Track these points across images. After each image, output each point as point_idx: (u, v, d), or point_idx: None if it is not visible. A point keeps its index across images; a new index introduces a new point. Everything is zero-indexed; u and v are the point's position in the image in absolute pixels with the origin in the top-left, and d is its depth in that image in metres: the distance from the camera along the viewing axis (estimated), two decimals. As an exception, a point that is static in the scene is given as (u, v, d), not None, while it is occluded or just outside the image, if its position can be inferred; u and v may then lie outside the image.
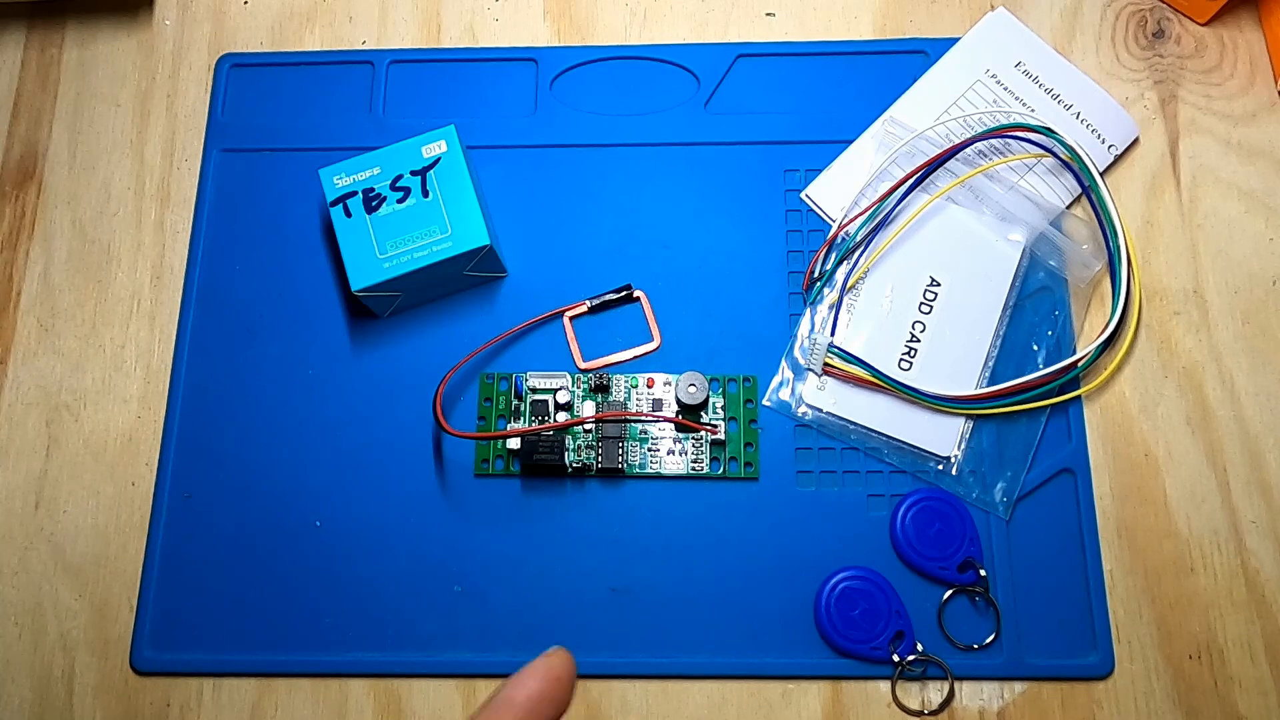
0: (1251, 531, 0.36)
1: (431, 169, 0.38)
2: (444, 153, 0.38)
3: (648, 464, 0.37)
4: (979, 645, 0.35)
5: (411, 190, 0.38)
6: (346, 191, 0.38)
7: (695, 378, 0.37)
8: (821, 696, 0.35)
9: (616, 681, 0.36)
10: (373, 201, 0.38)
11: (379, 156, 0.38)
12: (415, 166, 0.38)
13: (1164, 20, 0.43)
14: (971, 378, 0.38)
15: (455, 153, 0.38)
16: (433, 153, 0.38)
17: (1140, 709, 0.35)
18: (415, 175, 0.38)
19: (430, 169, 0.38)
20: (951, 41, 0.42)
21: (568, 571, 0.36)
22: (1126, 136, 0.41)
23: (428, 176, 0.38)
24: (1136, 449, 0.37)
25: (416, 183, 0.38)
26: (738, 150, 0.41)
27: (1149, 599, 0.36)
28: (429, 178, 0.38)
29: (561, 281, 0.40)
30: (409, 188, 0.38)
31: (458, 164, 0.38)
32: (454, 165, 0.38)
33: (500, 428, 0.38)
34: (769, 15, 0.43)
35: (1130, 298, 0.38)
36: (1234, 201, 0.40)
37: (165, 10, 0.45)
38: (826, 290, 0.39)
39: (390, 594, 0.36)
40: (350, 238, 0.37)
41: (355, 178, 0.38)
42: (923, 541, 0.36)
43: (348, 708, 0.36)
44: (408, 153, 0.38)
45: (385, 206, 0.38)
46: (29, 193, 0.42)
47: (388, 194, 0.38)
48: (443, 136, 0.39)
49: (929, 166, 0.39)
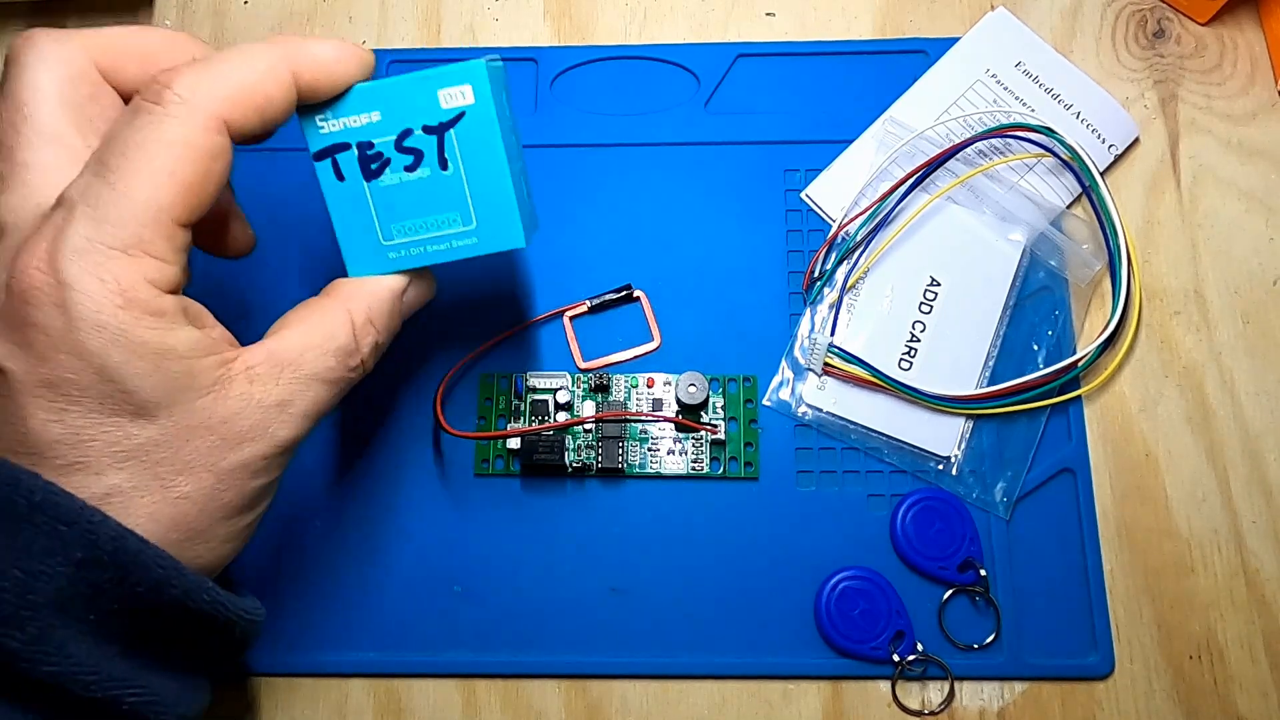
0: (1252, 531, 0.36)
1: (451, 128, 0.28)
2: (469, 106, 0.27)
3: (648, 464, 0.37)
4: (979, 645, 0.35)
5: (424, 155, 0.28)
6: (334, 142, 0.28)
7: (695, 378, 0.37)
8: (821, 696, 0.35)
9: (616, 681, 0.36)
10: (372, 164, 0.28)
11: (380, 94, 0.27)
12: (429, 120, 0.27)
13: (1164, 20, 0.43)
14: (971, 378, 0.38)
15: (485, 105, 0.27)
16: (453, 102, 0.27)
17: (1140, 709, 0.35)
18: (429, 134, 0.28)
19: (449, 127, 0.27)
20: (951, 41, 0.42)
21: (568, 571, 0.36)
22: (1126, 136, 0.41)
23: (446, 138, 0.28)
24: (1136, 449, 0.37)
25: (431, 145, 0.28)
26: (738, 150, 0.41)
27: (1149, 599, 0.36)
28: (448, 140, 0.28)
29: (561, 281, 0.40)
30: (420, 151, 0.28)
31: (488, 122, 0.27)
32: (483, 125, 0.27)
33: (500, 428, 0.38)
34: (769, 15, 0.43)
35: (1130, 297, 0.38)
36: (1234, 201, 0.40)
37: (165, 10, 0.45)
38: (826, 290, 0.39)
39: (390, 594, 0.36)
40: (344, 211, 0.28)
41: (347, 122, 0.28)
42: (923, 541, 0.36)
43: (347, 708, 0.36)
44: (419, 96, 0.27)
45: (389, 174, 0.28)
46: (29, 193, 0.42)
47: (393, 156, 0.28)
48: (468, 79, 0.27)
49: (929, 166, 0.39)
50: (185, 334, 0.24)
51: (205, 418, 0.24)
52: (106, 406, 0.23)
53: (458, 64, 0.27)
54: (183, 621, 0.25)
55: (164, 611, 0.24)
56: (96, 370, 0.23)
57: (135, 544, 0.23)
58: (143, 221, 0.23)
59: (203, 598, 0.24)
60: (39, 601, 0.22)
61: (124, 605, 0.23)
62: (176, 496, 0.24)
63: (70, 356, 0.22)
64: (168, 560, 0.23)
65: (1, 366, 0.23)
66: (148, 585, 0.23)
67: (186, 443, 0.24)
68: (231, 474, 0.25)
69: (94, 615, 0.23)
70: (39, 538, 0.22)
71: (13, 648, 0.21)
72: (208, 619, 0.25)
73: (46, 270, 0.22)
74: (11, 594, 0.21)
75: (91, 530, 0.22)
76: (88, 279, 0.22)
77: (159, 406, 0.24)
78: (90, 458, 0.23)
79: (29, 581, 0.22)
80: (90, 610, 0.23)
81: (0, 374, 0.23)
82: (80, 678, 0.22)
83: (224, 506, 0.25)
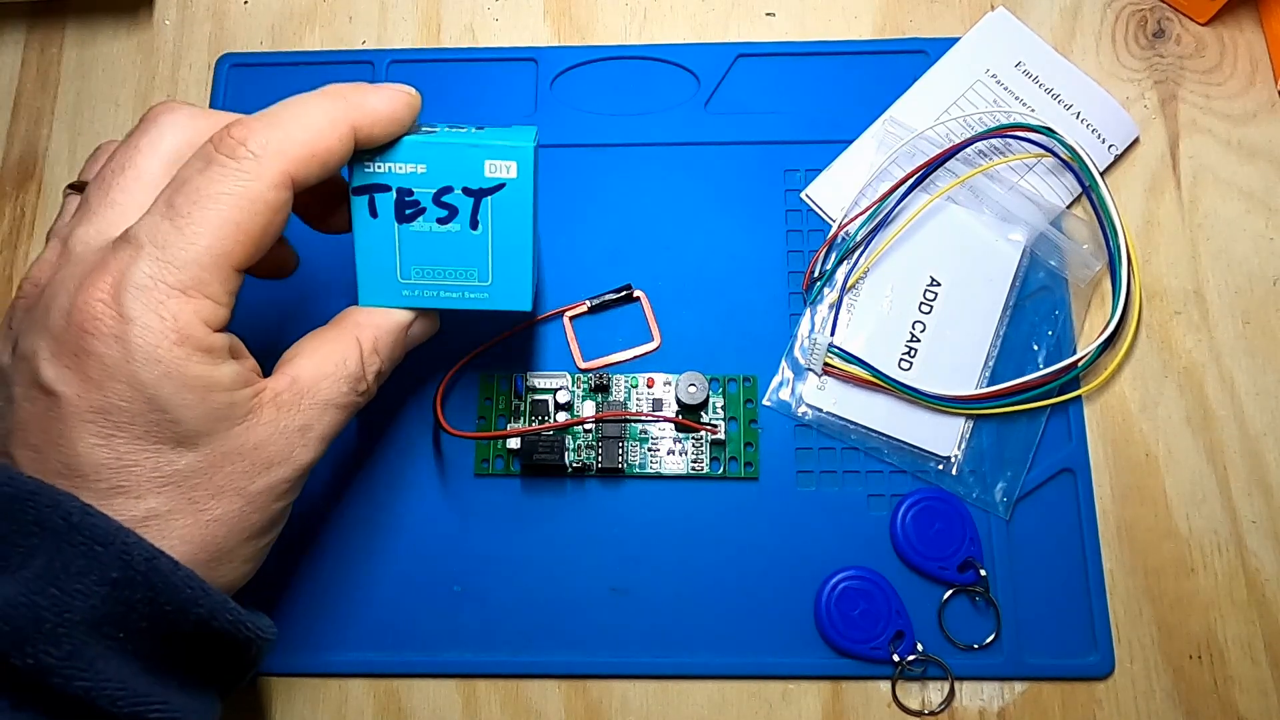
0: (1252, 531, 0.36)
1: (489, 195, 0.30)
2: (511, 180, 0.30)
3: (648, 464, 0.37)
4: (979, 645, 0.35)
5: (459, 213, 0.30)
6: (377, 182, 0.29)
7: (695, 378, 0.37)
8: (821, 696, 0.35)
9: (616, 681, 0.36)
10: (407, 209, 0.30)
11: (430, 151, 0.29)
12: (471, 184, 0.30)
13: (1164, 20, 0.43)
14: (971, 378, 0.38)
15: (525, 184, 0.30)
16: (497, 173, 0.29)
17: (1140, 709, 0.35)
18: (468, 196, 0.30)
19: (488, 194, 0.30)
20: (951, 41, 0.42)
21: (568, 571, 0.36)
22: (1126, 136, 0.41)
23: (483, 204, 0.30)
24: (1136, 449, 0.37)
25: (467, 206, 0.30)
26: (738, 150, 0.41)
27: (1149, 599, 0.36)
28: (484, 206, 0.30)
29: (561, 281, 0.40)
30: (455, 208, 0.30)
31: (523, 200, 0.30)
32: (518, 200, 0.30)
33: (500, 428, 0.38)
34: (769, 15, 0.43)
35: (1130, 298, 0.38)
36: (1234, 201, 0.40)
37: (165, 10, 0.45)
38: (826, 290, 0.39)
39: (390, 594, 0.36)
40: (370, 243, 0.30)
41: (393, 168, 0.29)
42: (923, 541, 0.36)
43: (347, 708, 0.36)
44: (467, 161, 0.29)
45: (421, 221, 0.30)
46: (29, 193, 0.42)
47: (429, 206, 0.30)
48: (516, 157, 0.29)
49: (929, 166, 0.39)
50: (229, 368, 0.26)
51: (239, 445, 0.26)
52: (152, 434, 0.24)
53: (508, 141, 0.29)
54: (204, 640, 0.25)
55: (187, 630, 0.25)
56: (147, 400, 0.24)
57: (167, 565, 0.24)
58: (204, 265, 0.25)
59: (225, 616, 0.25)
60: (74, 619, 0.22)
61: (151, 624, 0.24)
62: (208, 520, 0.25)
63: (125, 386, 0.24)
64: (196, 581, 0.24)
65: (55, 390, 0.24)
66: (176, 605, 0.24)
67: (220, 469, 0.25)
68: (259, 497, 0.26)
69: (123, 633, 0.23)
70: (76, 557, 0.23)
71: (49, 663, 0.22)
72: (228, 638, 0.26)
73: (110, 303, 0.24)
74: (49, 611, 0.22)
75: (126, 551, 0.23)
76: (149, 315, 0.24)
77: (200, 435, 0.25)
78: (132, 482, 0.24)
79: (66, 600, 0.22)
80: (120, 628, 0.23)
81: (53, 397, 0.24)
82: (109, 694, 0.23)
83: (249, 528, 0.27)
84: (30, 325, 0.25)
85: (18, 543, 0.23)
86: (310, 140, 0.26)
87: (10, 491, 0.23)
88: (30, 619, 0.22)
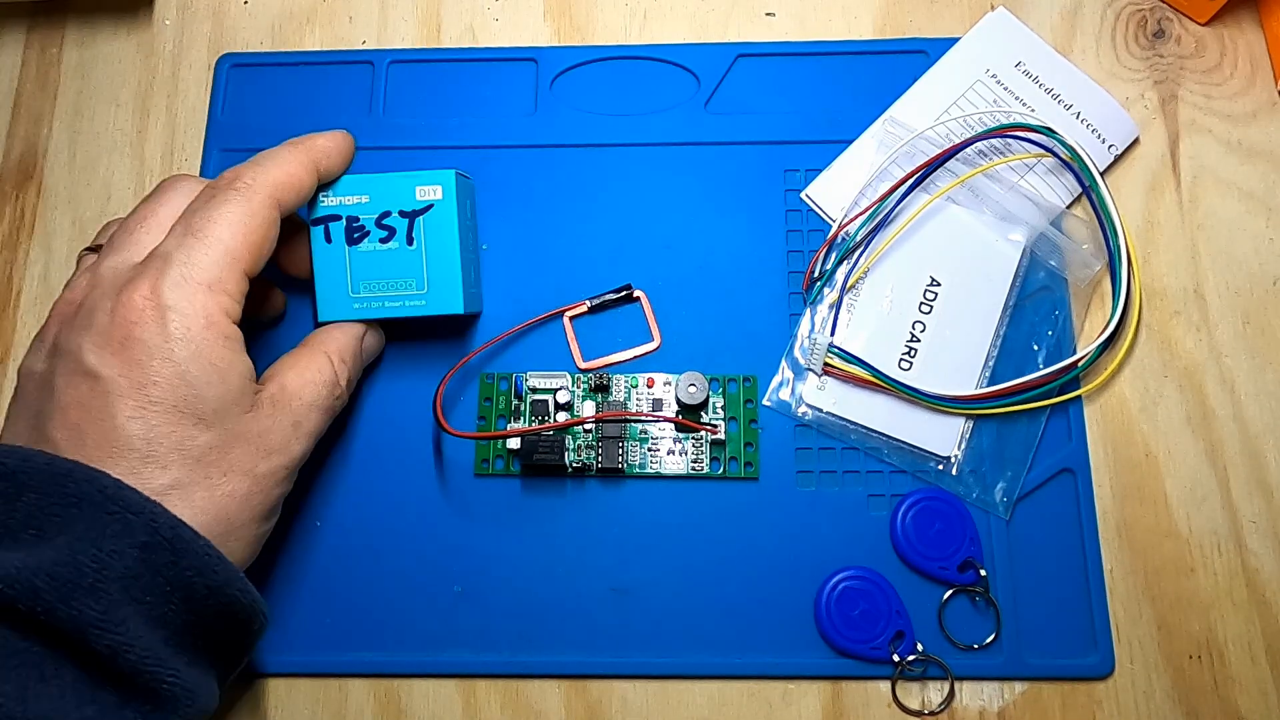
0: (1252, 531, 0.36)
1: (421, 215, 0.35)
2: (438, 200, 0.35)
3: (648, 464, 0.37)
4: (979, 645, 0.35)
5: (396, 233, 0.35)
6: (330, 213, 0.35)
7: (695, 378, 0.37)
8: (821, 696, 0.35)
9: (616, 681, 0.36)
10: (355, 233, 0.35)
11: (371, 183, 0.35)
12: (405, 207, 0.35)
13: (1164, 20, 0.43)
14: (971, 378, 0.38)
15: (449, 203, 0.35)
16: (426, 196, 0.35)
17: (1140, 709, 0.35)
18: (404, 217, 0.35)
19: (420, 215, 0.35)
20: (951, 41, 0.42)
21: (568, 571, 0.36)
22: (1126, 136, 0.41)
23: (416, 222, 0.35)
24: (1136, 449, 0.37)
25: (403, 226, 0.35)
26: (738, 150, 0.41)
27: (1149, 599, 0.36)
28: (417, 224, 0.35)
29: (561, 281, 0.40)
30: (394, 229, 0.35)
31: (449, 216, 0.35)
32: (445, 217, 0.35)
33: (500, 428, 0.38)
34: (769, 15, 0.43)
35: (1130, 298, 0.38)
36: (1234, 201, 0.40)
37: (165, 10, 0.45)
38: (826, 290, 0.39)
39: (390, 594, 0.36)
40: (326, 265, 0.35)
41: (343, 200, 0.35)
42: (923, 541, 0.36)
43: (347, 708, 0.36)
44: (401, 189, 0.35)
45: (367, 242, 0.35)
46: (29, 193, 0.42)
47: (372, 229, 0.35)
48: (440, 181, 0.35)
49: (929, 166, 0.39)
50: (242, 360, 0.31)
51: (247, 429, 0.30)
52: (180, 410, 0.29)
53: (434, 170, 0.35)
54: (214, 611, 0.28)
55: (201, 595, 0.27)
56: (180, 376, 0.29)
57: (188, 532, 0.27)
58: (223, 266, 0.30)
59: (237, 585, 0.28)
60: (111, 576, 0.26)
61: (174, 589, 0.27)
62: (221, 495, 0.29)
63: (161, 362, 0.28)
64: (212, 549, 0.28)
65: (99, 373, 0.28)
66: (195, 569, 0.27)
67: (232, 449, 0.30)
68: (263, 479, 0.30)
69: (150, 597, 0.27)
70: (112, 523, 0.26)
71: (90, 616, 0.25)
72: (235, 607, 0.28)
73: (150, 298, 0.29)
74: (90, 568, 0.25)
75: (154, 519, 0.27)
76: (184, 303, 0.29)
77: (216, 415, 0.29)
78: (160, 453, 0.28)
79: (104, 559, 0.26)
80: (148, 592, 0.26)
81: (95, 379, 0.28)
82: (136, 652, 0.26)
83: (253, 508, 0.30)
84: (71, 330, 0.29)
85: (57, 514, 0.26)
86: (287, 173, 0.32)
87: (50, 470, 0.26)
88: (73, 575, 0.25)
